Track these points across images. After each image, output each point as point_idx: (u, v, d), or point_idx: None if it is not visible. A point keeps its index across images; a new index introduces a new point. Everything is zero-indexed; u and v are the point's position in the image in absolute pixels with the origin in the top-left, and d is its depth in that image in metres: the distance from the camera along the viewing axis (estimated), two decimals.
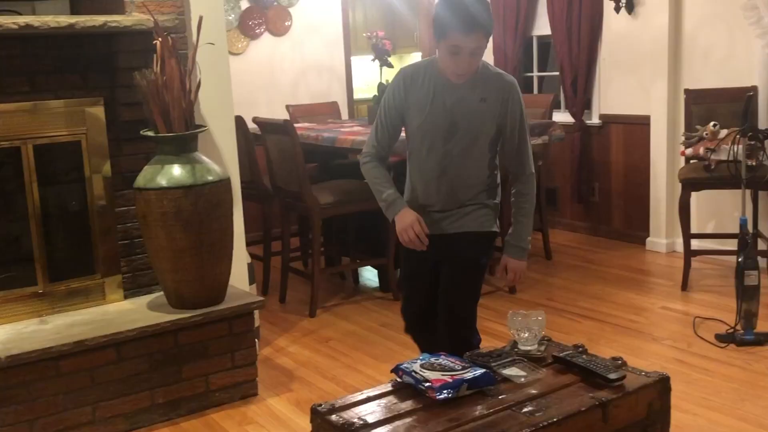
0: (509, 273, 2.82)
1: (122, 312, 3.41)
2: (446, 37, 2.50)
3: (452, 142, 2.63)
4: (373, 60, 5.70)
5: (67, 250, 3.55)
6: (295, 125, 4.90)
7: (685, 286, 4.67)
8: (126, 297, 3.58)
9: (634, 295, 4.66)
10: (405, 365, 2.22)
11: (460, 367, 2.20)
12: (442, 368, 2.19)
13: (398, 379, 2.23)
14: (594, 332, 4.08)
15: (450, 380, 2.11)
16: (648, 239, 5.66)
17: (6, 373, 2.96)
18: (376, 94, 5.59)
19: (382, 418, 2.04)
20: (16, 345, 3.05)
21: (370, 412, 2.07)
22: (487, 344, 2.61)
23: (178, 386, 3.32)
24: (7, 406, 2.98)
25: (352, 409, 2.10)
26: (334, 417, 2.06)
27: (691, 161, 4.67)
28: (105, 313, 3.41)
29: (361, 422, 2.00)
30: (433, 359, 2.26)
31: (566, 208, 6.36)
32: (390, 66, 5.79)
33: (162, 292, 3.49)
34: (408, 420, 2.03)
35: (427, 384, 2.11)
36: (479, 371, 2.18)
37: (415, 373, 2.17)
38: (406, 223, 2.62)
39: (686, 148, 4.63)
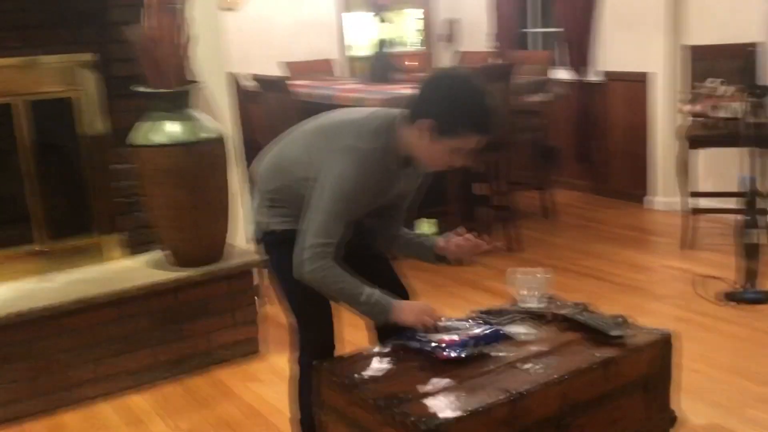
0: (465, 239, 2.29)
1: (122, 270, 3.41)
2: (461, 138, 2.05)
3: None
4: (372, 13, 5.62)
5: (65, 208, 3.54)
6: (290, 82, 4.84)
7: (685, 245, 4.66)
8: (125, 255, 3.57)
9: (635, 254, 4.66)
10: (408, 333, 2.18)
11: (467, 326, 2.18)
12: (448, 329, 2.16)
13: (405, 345, 2.18)
14: (595, 291, 4.07)
15: (458, 339, 2.09)
16: (646, 198, 5.64)
17: (8, 330, 2.97)
18: (377, 50, 5.52)
19: (383, 374, 2.04)
20: (17, 303, 3.05)
21: (372, 369, 2.07)
22: (488, 303, 2.59)
23: (180, 344, 3.33)
24: (10, 363, 2.99)
25: (354, 365, 2.10)
26: (335, 374, 2.06)
27: (692, 118, 4.63)
28: (105, 271, 3.41)
29: (363, 379, 2.00)
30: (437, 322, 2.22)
31: (567, 166, 6.33)
32: (388, 21, 5.70)
33: (161, 250, 3.48)
34: (409, 377, 2.03)
35: (434, 344, 2.09)
36: (488, 328, 2.16)
37: (421, 336, 2.14)
38: (419, 310, 2.18)
39: (686, 105, 4.58)
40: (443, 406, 1.85)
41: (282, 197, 2.26)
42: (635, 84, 5.63)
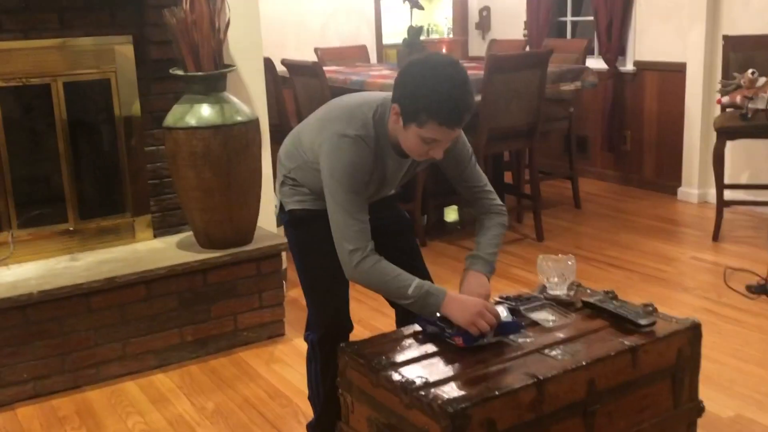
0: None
1: (152, 251, 3.44)
2: (423, 127, 1.98)
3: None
4: (404, 2, 5.61)
5: (98, 189, 3.58)
6: (324, 68, 4.84)
7: (716, 237, 4.61)
8: (155, 236, 3.61)
9: (664, 245, 4.61)
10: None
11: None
12: None
13: (423, 329, 2.18)
14: (622, 281, 4.04)
15: None
16: (680, 189, 5.58)
17: (38, 307, 3.01)
18: (406, 37, 5.51)
19: (410, 357, 2.04)
20: (48, 281, 3.09)
21: (398, 352, 2.07)
22: (513, 291, 2.57)
23: (207, 325, 3.35)
24: (40, 340, 3.03)
25: (380, 348, 2.10)
26: (361, 356, 2.06)
27: (727, 110, 4.57)
28: (135, 251, 3.44)
29: (389, 361, 2.00)
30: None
31: (596, 156, 6.28)
32: (421, 8, 5.69)
33: (191, 232, 3.51)
34: (434, 360, 2.03)
35: (452, 331, 2.08)
36: (509, 319, 2.14)
37: (439, 321, 2.13)
38: (474, 310, 2.04)
39: (722, 96, 4.52)
40: (469, 389, 1.85)
41: (299, 177, 2.29)
42: (671, 74, 5.57)
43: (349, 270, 2.09)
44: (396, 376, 1.93)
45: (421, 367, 1.98)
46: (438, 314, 2.10)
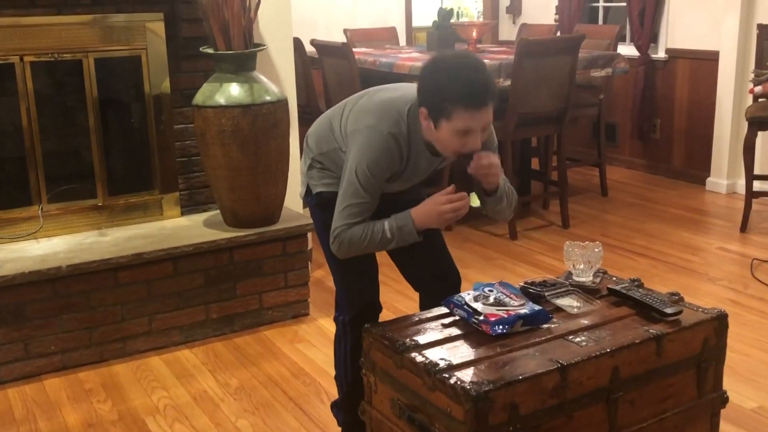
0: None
1: (179, 228, 3.47)
2: (451, 118, 1.99)
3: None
4: None
5: (127, 166, 3.61)
6: (353, 50, 4.83)
7: (744, 228, 4.56)
8: (183, 214, 3.64)
9: (691, 235, 4.57)
10: (456, 298, 2.19)
11: (516, 302, 2.16)
12: (497, 302, 2.15)
13: (449, 313, 2.19)
14: (648, 270, 4.02)
15: (505, 315, 2.08)
16: (708, 179, 5.52)
17: (67, 281, 3.05)
18: (436, 20, 5.48)
19: (432, 340, 2.04)
20: (77, 255, 3.13)
21: (421, 334, 2.08)
22: (539, 277, 2.57)
23: (232, 302, 3.38)
24: (68, 313, 3.08)
25: (404, 330, 2.11)
26: (385, 337, 2.07)
27: (760, 99, 4.50)
28: (162, 228, 3.47)
29: (413, 343, 2.01)
30: (487, 289, 2.22)
31: (625, 144, 6.23)
32: None
33: (218, 211, 3.53)
34: (458, 343, 2.03)
35: (481, 318, 2.08)
36: (536, 308, 2.13)
37: (468, 306, 2.14)
38: (437, 206, 2.12)
39: (755, 85, 4.45)
40: (493, 373, 1.85)
41: (327, 162, 2.31)
42: (703, 62, 5.49)
43: (335, 252, 2.18)
44: (420, 358, 1.94)
45: (445, 349, 1.99)
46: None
